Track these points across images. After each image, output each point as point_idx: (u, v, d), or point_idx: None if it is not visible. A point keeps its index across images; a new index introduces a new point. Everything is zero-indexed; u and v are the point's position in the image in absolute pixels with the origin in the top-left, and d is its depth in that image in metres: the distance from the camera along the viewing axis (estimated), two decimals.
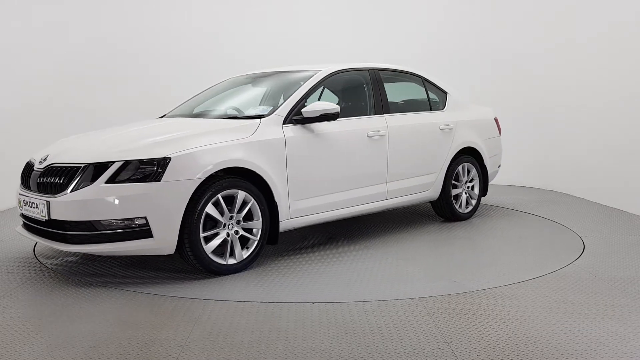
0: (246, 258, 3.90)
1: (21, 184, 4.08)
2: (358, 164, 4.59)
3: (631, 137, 5.88)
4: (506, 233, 5.05)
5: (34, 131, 6.66)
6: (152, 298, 3.40)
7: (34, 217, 3.81)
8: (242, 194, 3.82)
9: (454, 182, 5.45)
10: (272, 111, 4.21)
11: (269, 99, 4.83)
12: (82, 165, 3.61)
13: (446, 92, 5.62)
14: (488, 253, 4.44)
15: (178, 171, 3.56)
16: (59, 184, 3.65)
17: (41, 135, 6.17)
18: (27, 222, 3.98)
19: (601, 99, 6.40)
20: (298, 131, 4.21)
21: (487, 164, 5.77)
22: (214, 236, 3.75)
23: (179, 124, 4.41)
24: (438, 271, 3.94)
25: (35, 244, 4.66)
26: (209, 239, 3.72)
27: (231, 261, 3.82)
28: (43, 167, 3.83)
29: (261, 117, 4.16)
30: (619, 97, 6.09)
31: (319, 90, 5.24)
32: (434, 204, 5.48)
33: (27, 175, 4.01)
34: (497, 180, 6.58)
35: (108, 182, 3.51)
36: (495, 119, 6.05)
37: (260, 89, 5.07)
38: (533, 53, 7.50)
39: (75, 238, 3.57)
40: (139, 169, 3.55)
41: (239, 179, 3.83)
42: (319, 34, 7.86)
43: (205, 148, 3.72)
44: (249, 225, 3.90)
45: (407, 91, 5.48)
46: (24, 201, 3.92)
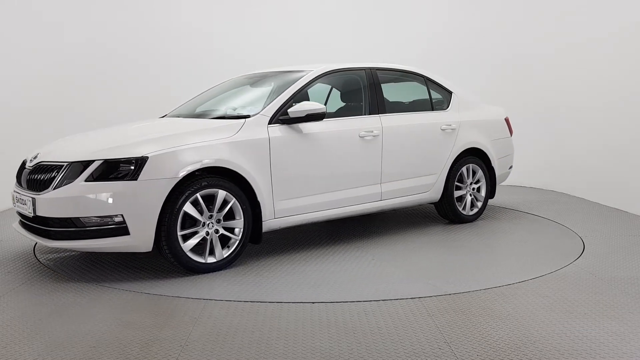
0: (226, 257, 3.92)
1: (16, 181, 4.19)
2: (348, 165, 4.55)
3: (631, 137, 5.88)
4: (506, 233, 5.05)
5: (35, 132, 6.66)
6: (152, 298, 3.40)
7: (24, 214, 3.91)
8: (222, 193, 3.85)
9: (458, 183, 5.35)
10: (259, 111, 4.24)
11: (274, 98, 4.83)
12: (65, 164, 3.72)
13: (451, 92, 5.50)
14: (488, 253, 4.44)
15: (155, 170, 3.63)
16: (44, 181, 3.76)
17: (42, 136, 6.16)
18: (22, 219, 4.08)
19: (601, 99, 6.40)
20: (284, 131, 4.22)
21: (494, 165, 5.62)
22: (193, 234, 3.79)
23: (169, 124, 4.45)
24: (420, 273, 3.94)
25: (35, 244, 4.66)
26: (188, 237, 3.77)
27: (210, 260, 3.86)
28: (32, 165, 3.95)
29: (247, 117, 4.19)
30: (619, 97, 6.09)
31: (328, 90, 5.22)
32: (436, 205, 5.40)
33: (21, 173, 4.13)
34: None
35: (88, 180, 3.61)
36: (506, 119, 5.91)
37: (266, 88, 5.06)
38: (533, 53, 7.51)
39: (57, 234, 3.68)
40: (117, 168, 3.63)
41: (220, 179, 3.87)
42: (322, 34, 7.84)
43: (182, 148, 3.77)
44: (230, 224, 3.94)
45: (408, 91, 5.42)
46: (16, 198, 4.02)
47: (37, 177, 3.84)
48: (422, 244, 4.69)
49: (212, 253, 3.87)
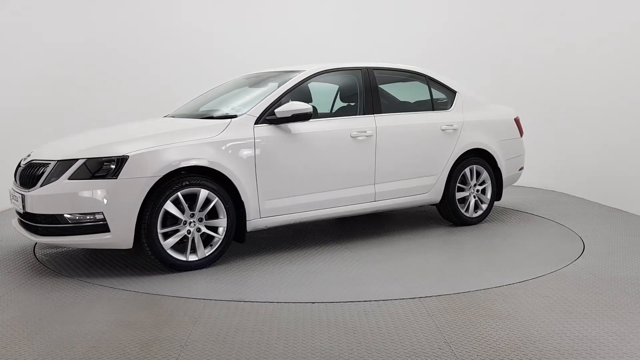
0: (208, 255, 3.97)
1: (13, 179, 4.28)
2: (339, 165, 4.53)
3: (631, 137, 5.88)
4: (506, 233, 5.05)
5: (35, 132, 6.65)
6: (152, 298, 3.40)
7: (18, 210, 4.03)
8: (204, 192, 3.90)
9: (461, 185, 5.24)
10: (246, 112, 4.27)
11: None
12: (52, 162, 3.82)
13: (455, 92, 5.38)
14: (488, 253, 4.44)
15: (135, 169, 3.72)
16: (32, 179, 3.87)
17: (42, 136, 6.13)
18: (18, 216, 4.17)
19: (601, 99, 6.40)
20: (271, 131, 4.24)
21: (501, 166, 5.47)
22: (174, 232, 3.85)
23: (160, 124, 4.49)
24: (421, 273, 3.94)
25: (35, 243, 4.67)
26: (169, 235, 3.83)
27: (192, 258, 3.91)
28: (25, 163, 4.07)
29: (234, 117, 4.23)
30: (619, 97, 6.09)
31: (332, 89, 5.18)
32: (438, 207, 5.31)
33: (17, 171, 4.25)
34: None
35: (71, 178, 3.71)
36: (516, 120, 5.75)
37: (266, 88, 5.04)
38: (532, 53, 7.51)
39: (43, 230, 3.79)
40: (100, 167, 3.72)
41: (202, 178, 3.91)
42: (323, 34, 7.84)
43: (163, 147, 3.84)
44: (213, 223, 3.97)
45: (408, 91, 5.35)
46: (11, 195, 4.13)
47: (27, 174, 3.95)
48: (423, 244, 4.69)
49: (195, 251, 3.93)
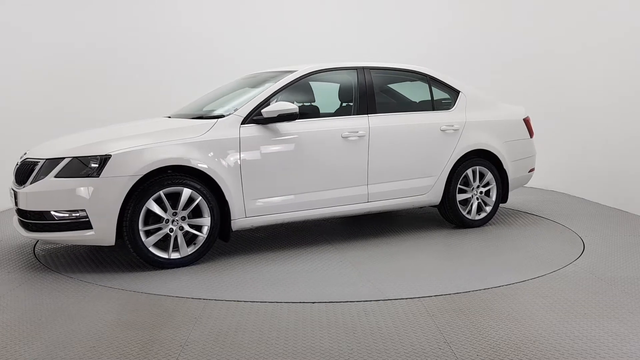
0: (191, 254, 4.02)
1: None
2: (329, 165, 4.51)
3: (631, 137, 5.88)
4: (506, 233, 5.04)
5: (36, 133, 6.65)
6: (152, 298, 3.40)
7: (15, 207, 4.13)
8: (187, 191, 3.95)
9: (463, 186, 5.13)
10: (234, 111, 4.30)
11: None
12: (41, 160, 3.93)
13: (458, 91, 5.27)
14: (488, 253, 4.43)
15: (117, 168, 3.80)
16: (24, 176, 3.99)
17: (43, 137, 6.15)
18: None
19: (601, 99, 6.40)
20: (258, 131, 4.26)
21: (507, 168, 5.32)
22: (157, 230, 3.91)
23: (153, 124, 4.53)
24: (420, 273, 3.94)
25: (35, 243, 4.67)
26: (152, 233, 3.89)
27: (174, 255, 3.97)
28: (21, 161, 4.18)
29: (221, 117, 4.27)
30: (619, 97, 6.10)
31: (336, 90, 5.16)
32: (439, 209, 5.21)
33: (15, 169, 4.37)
34: None
35: (58, 176, 3.81)
36: (526, 120, 5.59)
37: (266, 88, 5.02)
38: (532, 53, 7.51)
39: (33, 226, 3.91)
40: (85, 165, 3.81)
41: (185, 177, 3.97)
42: (326, 35, 7.84)
43: (146, 147, 3.91)
44: (196, 222, 4.02)
45: (407, 90, 5.30)
46: (10, 193, 4.22)
47: (21, 172, 4.05)
48: (424, 244, 4.69)
49: (178, 249, 3.99)
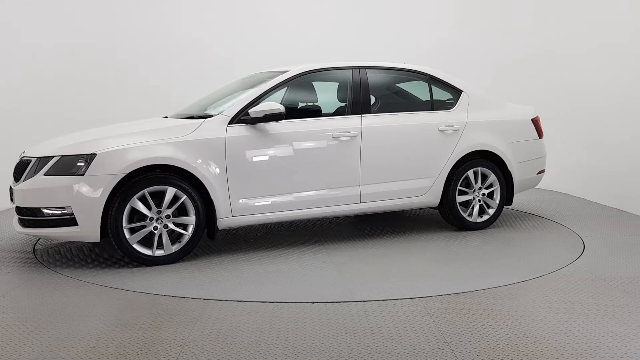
0: (176, 251, 4.08)
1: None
2: (319, 165, 4.50)
3: (631, 137, 5.88)
4: (506, 233, 5.04)
5: (36, 133, 6.65)
6: (152, 298, 3.40)
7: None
8: (171, 190, 4.02)
9: (464, 188, 5.02)
10: (222, 111, 4.35)
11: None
12: (34, 159, 4.05)
13: (460, 91, 5.16)
14: (488, 253, 4.43)
15: (101, 166, 3.90)
16: (19, 174, 4.11)
17: (44, 137, 6.17)
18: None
19: (601, 99, 6.41)
20: (245, 131, 4.29)
21: (512, 169, 5.17)
22: (142, 228, 3.98)
23: (145, 123, 4.59)
24: (420, 273, 3.94)
25: (35, 243, 4.67)
26: (137, 230, 3.97)
27: (159, 253, 4.04)
28: (19, 159, 4.28)
29: (209, 117, 4.32)
30: (619, 97, 6.10)
31: (335, 90, 5.15)
32: (439, 211, 5.12)
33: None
34: None
35: (47, 174, 3.92)
36: (535, 120, 5.40)
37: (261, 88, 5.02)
38: (532, 53, 7.51)
39: (26, 222, 4.03)
40: (73, 164, 3.91)
41: (170, 176, 4.02)
42: (326, 35, 7.84)
43: (131, 146, 3.99)
44: (181, 220, 4.08)
45: (407, 90, 5.26)
46: (9, 190, 4.30)
47: (18, 170, 4.16)
48: (424, 244, 4.68)
49: (162, 247, 4.05)
